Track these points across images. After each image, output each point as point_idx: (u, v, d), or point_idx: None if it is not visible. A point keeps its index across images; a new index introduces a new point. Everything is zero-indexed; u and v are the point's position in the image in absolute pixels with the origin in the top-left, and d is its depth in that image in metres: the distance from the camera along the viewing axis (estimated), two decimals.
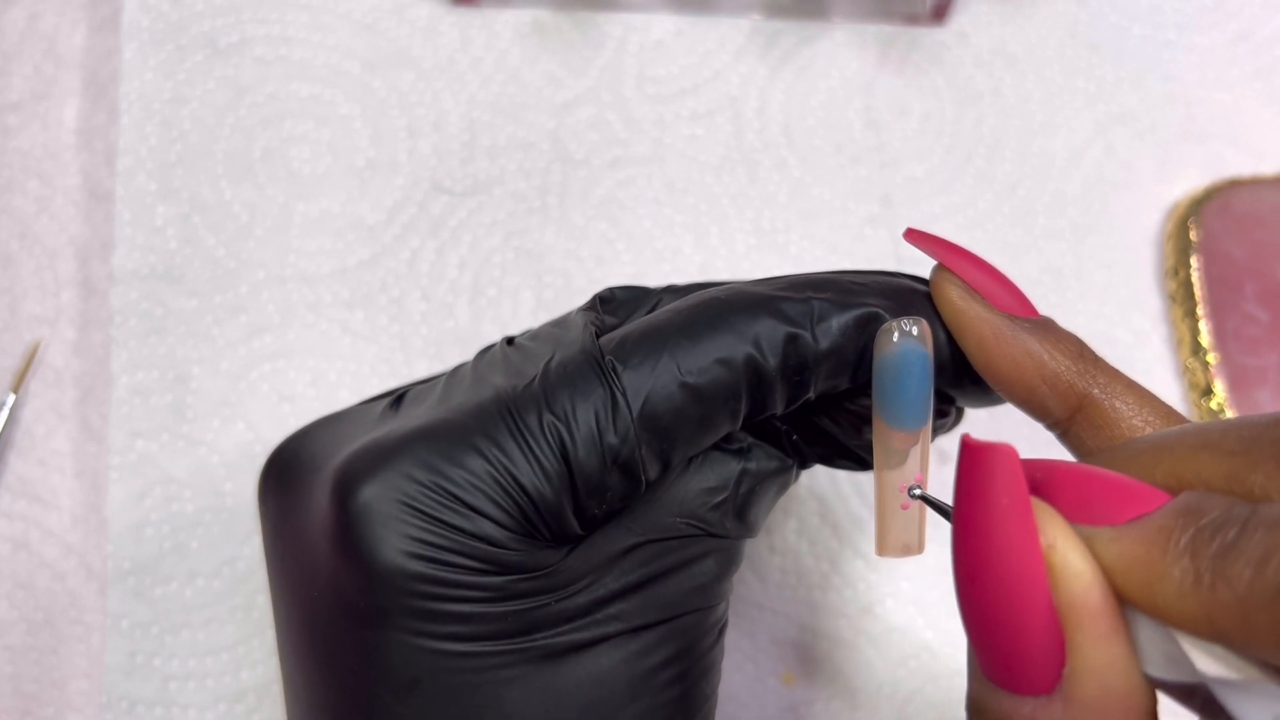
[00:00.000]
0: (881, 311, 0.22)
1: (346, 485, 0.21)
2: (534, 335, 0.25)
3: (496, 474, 0.21)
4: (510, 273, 0.36)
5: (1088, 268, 0.36)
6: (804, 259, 0.36)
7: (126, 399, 0.34)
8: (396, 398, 0.25)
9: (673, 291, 0.25)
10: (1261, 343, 0.34)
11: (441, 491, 0.21)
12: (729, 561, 0.24)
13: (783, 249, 0.36)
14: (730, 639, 0.32)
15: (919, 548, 0.23)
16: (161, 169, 0.36)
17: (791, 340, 0.22)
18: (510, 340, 0.25)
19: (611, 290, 0.25)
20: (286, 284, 0.35)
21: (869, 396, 0.23)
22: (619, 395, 0.21)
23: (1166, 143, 0.38)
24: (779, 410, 0.23)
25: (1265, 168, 0.37)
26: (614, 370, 0.21)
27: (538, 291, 0.35)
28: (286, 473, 0.25)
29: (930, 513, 0.22)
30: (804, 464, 0.25)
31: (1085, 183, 0.37)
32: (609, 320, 0.24)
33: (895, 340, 0.22)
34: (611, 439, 0.21)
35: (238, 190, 0.36)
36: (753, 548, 0.33)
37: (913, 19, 0.38)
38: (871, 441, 0.23)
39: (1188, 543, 0.15)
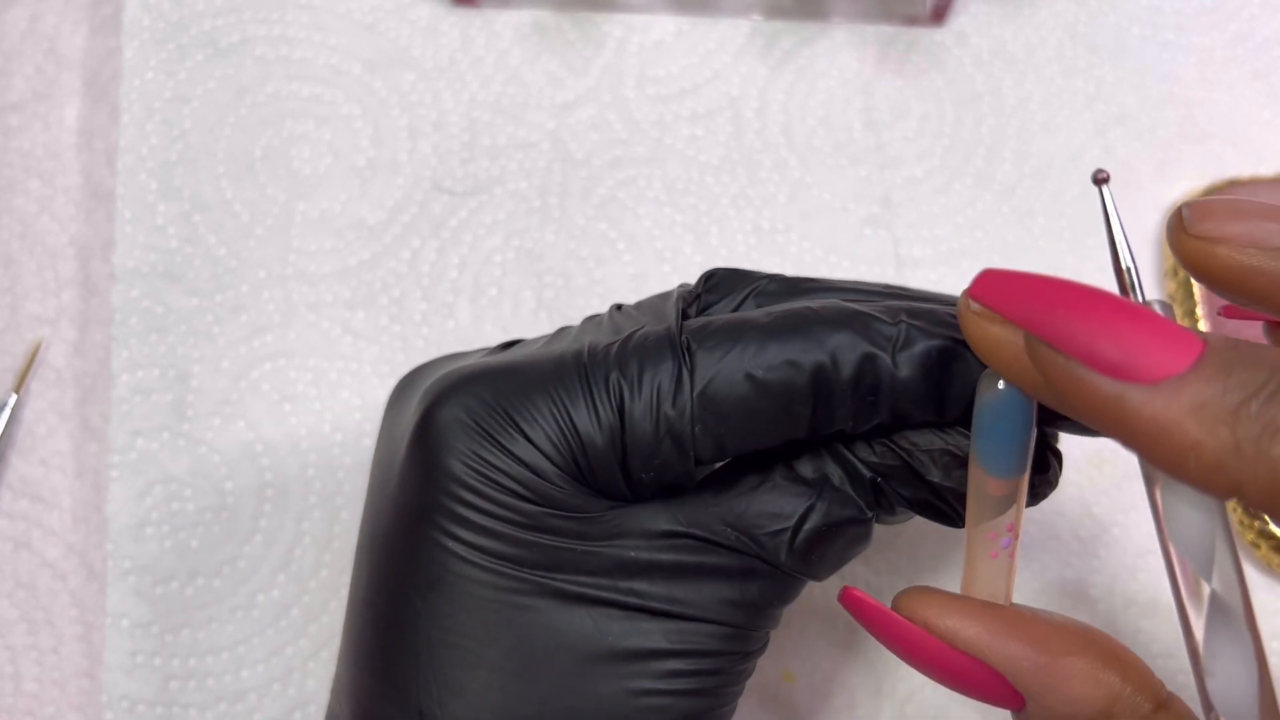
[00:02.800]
0: (962, 348, 0.22)
1: (430, 397, 0.24)
2: (639, 305, 0.27)
3: (557, 413, 0.23)
4: (511, 273, 0.36)
5: (1087, 268, 0.36)
6: (804, 259, 0.36)
7: (127, 398, 0.34)
8: (508, 344, 0.28)
9: (776, 280, 0.26)
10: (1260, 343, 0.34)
11: (505, 416, 0.23)
12: (778, 593, 0.24)
13: (783, 249, 0.36)
14: None
15: (1005, 599, 0.23)
16: (162, 168, 0.36)
17: (869, 360, 0.22)
18: (619, 307, 0.27)
19: (715, 270, 0.26)
20: (287, 283, 0.35)
21: (962, 434, 0.23)
22: (685, 371, 0.22)
23: (1166, 143, 0.38)
24: (849, 427, 0.23)
25: (1264, 168, 0.37)
26: (688, 348, 0.23)
27: (538, 291, 0.35)
28: (401, 393, 0.29)
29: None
30: (887, 511, 0.24)
31: (1084, 183, 0.37)
32: (708, 299, 0.26)
33: (998, 383, 0.21)
34: (669, 408, 0.22)
35: (239, 189, 0.36)
36: None
37: (912, 20, 0.38)
38: (964, 487, 0.23)
39: (1228, 415, 0.16)
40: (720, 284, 0.26)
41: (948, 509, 0.24)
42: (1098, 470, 0.34)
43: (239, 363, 0.34)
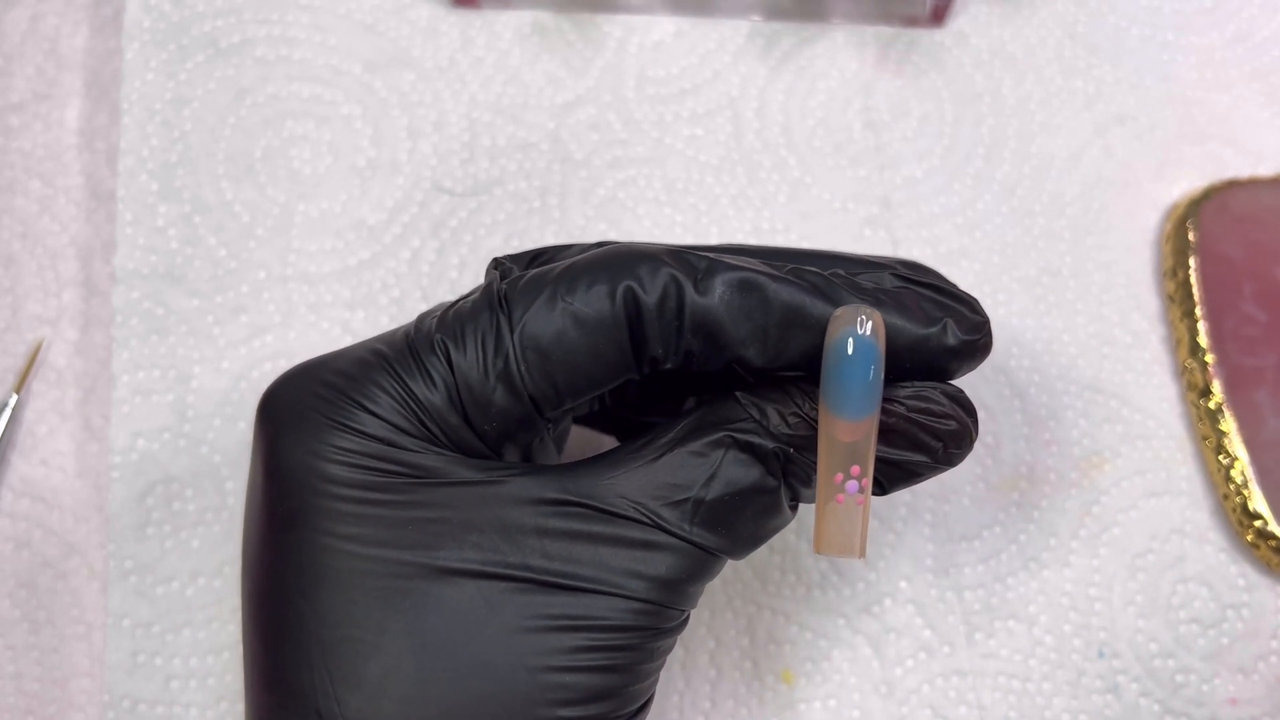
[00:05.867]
0: (763, 279, 0.23)
1: (265, 397, 0.24)
2: None
3: (394, 384, 0.23)
4: None
5: (1086, 268, 0.36)
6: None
7: (128, 398, 0.34)
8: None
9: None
10: (1259, 343, 0.34)
11: (345, 398, 0.23)
12: (690, 569, 0.23)
13: None
14: (729, 637, 0.33)
15: (858, 550, 0.23)
16: (163, 169, 0.36)
17: (673, 282, 0.23)
18: None
19: (543, 249, 0.27)
20: (288, 284, 0.35)
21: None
22: (503, 318, 0.23)
23: (1165, 143, 0.38)
24: (660, 355, 0.23)
25: (1263, 169, 0.37)
26: (504, 297, 0.23)
27: None
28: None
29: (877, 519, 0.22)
30: (801, 483, 0.24)
31: (1084, 183, 0.37)
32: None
33: (843, 326, 0.22)
34: (493, 355, 0.23)
35: (239, 190, 0.36)
36: None
37: (912, 20, 0.38)
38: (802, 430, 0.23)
39: None
40: (540, 256, 0.26)
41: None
42: (1098, 470, 0.34)
43: (239, 363, 0.34)
